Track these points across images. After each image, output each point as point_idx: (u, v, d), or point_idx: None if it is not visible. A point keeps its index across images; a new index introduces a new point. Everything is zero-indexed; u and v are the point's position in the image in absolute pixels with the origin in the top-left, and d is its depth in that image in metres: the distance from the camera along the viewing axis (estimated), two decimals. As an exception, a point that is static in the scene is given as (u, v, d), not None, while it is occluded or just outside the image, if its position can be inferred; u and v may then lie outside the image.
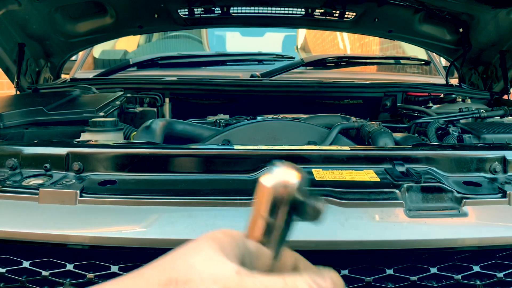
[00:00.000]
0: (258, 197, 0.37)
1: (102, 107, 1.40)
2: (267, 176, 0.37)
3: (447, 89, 2.02)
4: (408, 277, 0.79)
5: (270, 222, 0.37)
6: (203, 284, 0.32)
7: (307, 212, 0.39)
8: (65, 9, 1.84)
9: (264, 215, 0.37)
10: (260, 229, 0.37)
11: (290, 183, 0.36)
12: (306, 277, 0.35)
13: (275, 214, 0.37)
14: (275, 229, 0.37)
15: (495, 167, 0.95)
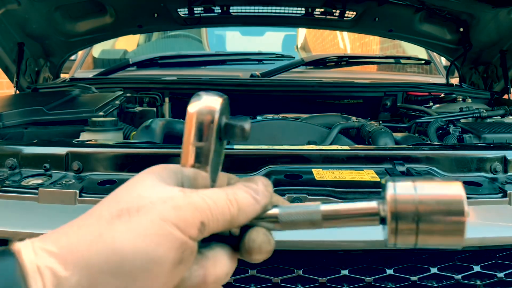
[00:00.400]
0: (186, 125, 0.40)
1: (102, 106, 1.39)
2: (191, 104, 0.39)
3: (447, 89, 2.01)
4: (409, 277, 0.79)
5: (199, 146, 0.39)
6: (154, 206, 0.34)
7: (234, 133, 0.41)
8: (65, 8, 1.84)
9: (192, 141, 0.39)
10: (192, 155, 0.39)
11: (211, 107, 0.39)
12: (241, 185, 0.39)
13: (203, 138, 0.39)
14: (205, 152, 0.39)
15: (496, 167, 0.95)
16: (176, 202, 0.34)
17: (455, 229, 0.36)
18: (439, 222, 0.36)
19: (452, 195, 0.36)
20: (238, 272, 0.78)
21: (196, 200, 0.35)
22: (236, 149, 0.96)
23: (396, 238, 0.38)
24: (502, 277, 0.81)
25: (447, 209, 0.36)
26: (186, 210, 0.34)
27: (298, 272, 0.78)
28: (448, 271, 0.81)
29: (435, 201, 0.36)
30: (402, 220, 0.36)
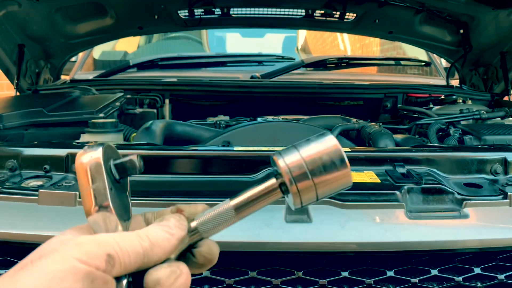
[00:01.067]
0: (78, 177, 0.42)
1: (102, 108, 1.39)
2: (76, 158, 0.42)
3: (447, 90, 2.01)
4: (409, 279, 0.79)
5: (95, 188, 0.41)
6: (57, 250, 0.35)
7: (126, 168, 0.44)
8: (65, 10, 1.84)
9: (88, 185, 0.41)
10: (90, 197, 0.41)
11: (93, 152, 0.42)
12: (154, 224, 0.41)
13: (95, 180, 0.41)
14: (102, 191, 0.41)
15: (496, 168, 0.95)
16: (79, 240, 0.36)
17: (343, 172, 0.43)
18: (328, 171, 0.42)
19: (329, 146, 0.43)
20: (238, 273, 0.77)
21: (102, 236, 0.37)
22: (236, 150, 0.96)
23: (301, 198, 0.42)
24: (503, 279, 0.80)
25: (330, 159, 0.42)
26: (89, 244, 0.35)
27: (299, 274, 0.78)
28: (448, 272, 0.80)
29: (318, 156, 0.42)
30: (300, 181, 0.42)
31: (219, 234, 0.42)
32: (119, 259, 0.36)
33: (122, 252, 0.36)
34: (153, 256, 0.39)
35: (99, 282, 0.34)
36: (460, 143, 1.32)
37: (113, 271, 0.36)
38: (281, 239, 0.76)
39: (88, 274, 0.34)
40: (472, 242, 0.80)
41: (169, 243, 0.40)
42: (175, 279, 0.38)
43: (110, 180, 0.42)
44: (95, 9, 1.93)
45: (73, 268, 0.33)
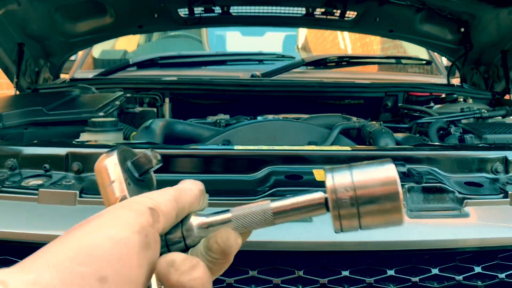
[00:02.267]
0: (97, 180, 0.44)
1: (102, 107, 1.39)
2: (96, 164, 0.44)
3: (448, 89, 2.01)
4: (410, 278, 0.79)
5: (115, 184, 0.43)
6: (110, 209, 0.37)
7: (142, 163, 0.45)
8: (65, 9, 1.84)
9: (108, 182, 0.43)
10: (113, 193, 0.43)
11: (110, 155, 0.44)
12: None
13: (115, 178, 0.43)
14: (121, 186, 0.43)
15: (497, 167, 0.95)
16: (120, 204, 0.38)
17: (393, 208, 0.38)
18: (377, 203, 0.38)
19: (385, 177, 0.38)
20: (238, 273, 0.77)
21: (135, 198, 0.39)
22: (236, 149, 0.96)
23: (341, 224, 0.40)
24: (504, 278, 0.80)
25: (382, 191, 0.38)
26: (131, 204, 0.37)
27: (299, 273, 0.78)
28: (449, 272, 0.80)
29: (370, 184, 0.38)
30: (343, 206, 0.39)
31: None
32: (160, 210, 0.37)
33: (159, 203, 0.38)
34: (184, 201, 0.40)
35: (151, 238, 0.35)
36: (460, 142, 1.32)
37: (159, 224, 0.37)
38: (282, 238, 0.76)
39: (143, 227, 0.35)
40: (473, 241, 0.80)
41: (192, 191, 0.42)
42: (191, 268, 0.36)
43: (129, 178, 0.44)
44: (94, 7, 1.92)
45: (128, 221, 0.35)
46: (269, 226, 0.42)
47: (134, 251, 0.33)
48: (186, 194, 0.41)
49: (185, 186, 0.43)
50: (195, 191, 0.42)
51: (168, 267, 0.35)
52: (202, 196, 0.43)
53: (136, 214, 0.36)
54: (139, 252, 0.34)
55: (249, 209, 0.42)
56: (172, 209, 0.39)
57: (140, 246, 0.34)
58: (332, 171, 0.40)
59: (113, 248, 0.33)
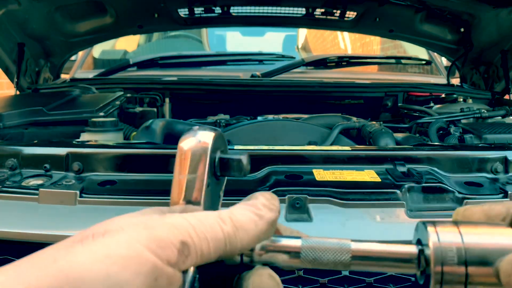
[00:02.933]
0: (176, 160, 0.36)
1: (102, 107, 1.39)
2: (183, 140, 0.37)
3: (448, 89, 2.01)
4: (410, 277, 0.79)
5: (190, 179, 0.35)
6: (123, 229, 0.28)
7: (230, 166, 0.38)
8: (65, 8, 1.84)
9: (185, 172, 0.36)
10: (182, 189, 0.35)
11: (204, 141, 0.36)
12: (238, 204, 0.34)
13: (195, 170, 0.36)
14: (198, 186, 0.35)
15: (497, 167, 0.95)
16: (150, 223, 0.29)
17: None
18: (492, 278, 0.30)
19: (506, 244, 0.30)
20: (238, 272, 0.77)
21: (176, 219, 0.30)
22: (236, 149, 0.96)
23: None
24: (503, 278, 0.80)
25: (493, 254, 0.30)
26: (161, 229, 0.29)
27: (299, 272, 0.78)
28: (449, 271, 0.80)
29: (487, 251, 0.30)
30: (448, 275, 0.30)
31: None
32: (195, 248, 0.29)
33: (200, 239, 0.29)
34: (237, 243, 0.32)
35: (163, 281, 0.27)
36: (460, 142, 1.32)
37: (186, 263, 0.29)
38: (282, 238, 0.76)
39: (154, 268, 0.27)
40: (473, 241, 0.80)
41: (257, 227, 0.33)
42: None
43: (211, 174, 0.37)
44: (95, 7, 1.92)
45: (139, 257, 0.27)
46: (342, 269, 0.35)
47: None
48: (246, 234, 0.32)
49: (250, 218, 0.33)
50: (261, 227, 0.33)
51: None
52: (270, 230, 0.34)
53: (157, 246, 0.27)
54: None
55: (326, 243, 0.35)
56: (214, 251, 0.30)
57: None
58: (435, 224, 0.32)
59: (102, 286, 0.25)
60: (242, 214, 0.33)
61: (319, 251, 0.35)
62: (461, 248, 0.30)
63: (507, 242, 0.30)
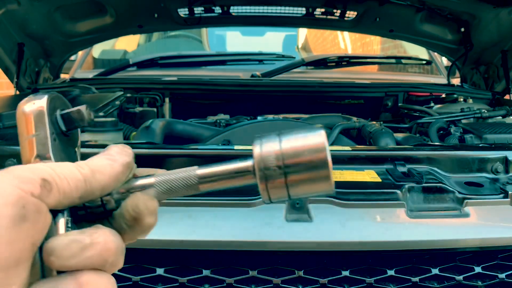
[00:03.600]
0: (18, 125, 0.39)
1: (102, 107, 1.39)
2: (20, 105, 0.39)
3: (448, 89, 2.01)
4: (410, 278, 0.79)
5: (36, 137, 0.38)
6: None
7: (73, 119, 0.41)
8: (65, 8, 1.84)
9: (28, 133, 0.38)
10: (33, 148, 0.38)
11: (39, 100, 0.39)
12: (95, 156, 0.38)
13: (39, 129, 0.38)
14: (42, 141, 0.38)
15: (497, 167, 0.95)
16: (11, 168, 0.32)
17: (322, 177, 0.37)
18: (305, 172, 0.37)
19: (314, 144, 0.37)
20: (238, 273, 0.77)
21: (34, 165, 0.34)
22: (236, 149, 0.96)
23: (269, 194, 0.38)
24: (504, 278, 0.80)
25: (310, 159, 0.36)
26: (24, 170, 0.32)
27: (299, 273, 0.78)
28: (449, 272, 0.80)
29: (299, 152, 0.37)
30: (270, 175, 0.37)
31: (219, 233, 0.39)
32: (56, 185, 0.33)
33: (60, 178, 0.33)
34: (96, 182, 0.35)
35: (31, 208, 0.31)
36: (461, 142, 1.32)
37: (50, 198, 0.32)
38: (282, 238, 0.76)
39: (20, 198, 0.30)
40: (473, 241, 0.80)
41: (113, 169, 0.37)
42: (81, 249, 0.32)
43: (55, 132, 0.39)
44: (94, 7, 1.92)
45: (4, 191, 0.30)
46: (195, 192, 0.40)
47: (3, 226, 0.29)
48: (103, 174, 0.36)
49: (105, 162, 0.37)
50: (117, 168, 0.37)
51: (48, 256, 0.32)
52: (126, 171, 0.38)
53: (19, 182, 0.31)
54: (10, 228, 0.29)
55: (174, 174, 0.40)
56: (75, 189, 0.34)
57: (12, 220, 0.29)
58: (261, 138, 0.39)
59: None
60: (98, 160, 0.37)
61: (170, 182, 0.39)
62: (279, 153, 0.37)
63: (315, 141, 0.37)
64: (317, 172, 0.37)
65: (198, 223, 0.77)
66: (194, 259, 0.77)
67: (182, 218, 0.77)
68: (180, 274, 0.76)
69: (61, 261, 0.32)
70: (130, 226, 0.37)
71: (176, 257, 0.77)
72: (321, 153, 0.36)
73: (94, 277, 0.33)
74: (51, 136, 0.38)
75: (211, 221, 0.78)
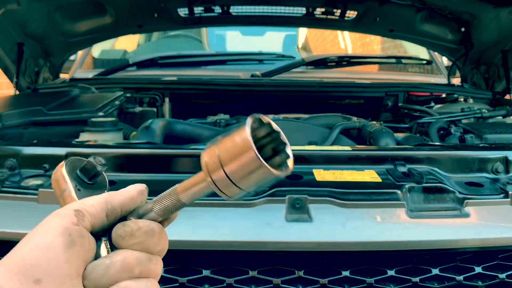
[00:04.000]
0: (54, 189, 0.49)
1: (102, 107, 1.39)
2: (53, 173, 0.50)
3: (449, 89, 2.01)
4: (410, 278, 0.79)
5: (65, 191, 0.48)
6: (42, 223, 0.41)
7: (88, 169, 0.50)
8: (65, 8, 1.84)
9: (60, 192, 0.48)
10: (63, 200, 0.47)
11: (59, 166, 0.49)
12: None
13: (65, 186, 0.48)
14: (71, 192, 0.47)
15: (497, 167, 0.95)
16: (54, 212, 0.42)
17: (250, 160, 0.39)
18: (236, 160, 0.40)
19: (238, 133, 0.40)
20: (238, 273, 0.77)
21: (70, 204, 0.44)
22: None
23: (223, 193, 0.42)
24: (504, 278, 0.80)
25: (237, 147, 0.40)
26: (61, 209, 0.42)
27: (299, 273, 0.77)
28: (449, 272, 0.80)
29: (229, 145, 0.40)
30: (216, 176, 0.41)
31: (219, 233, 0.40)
32: (86, 211, 0.42)
33: (87, 206, 0.43)
34: (115, 201, 0.45)
35: (75, 234, 0.40)
36: (461, 142, 1.32)
37: (85, 222, 0.41)
38: (282, 239, 0.76)
39: (65, 229, 0.40)
40: (473, 241, 0.80)
41: (128, 192, 0.46)
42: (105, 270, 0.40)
43: (78, 184, 0.49)
44: (94, 7, 1.92)
45: (52, 227, 0.40)
46: (184, 206, 0.45)
47: (59, 251, 0.39)
48: (120, 196, 0.46)
49: (123, 189, 0.47)
50: (132, 192, 0.46)
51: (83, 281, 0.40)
52: (140, 196, 0.47)
53: (60, 218, 0.41)
54: (64, 252, 0.39)
55: (162, 194, 0.46)
56: (100, 210, 0.43)
57: (64, 246, 0.39)
58: (206, 145, 0.43)
59: (40, 254, 0.38)
60: (119, 190, 0.47)
61: (161, 201, 0.46)
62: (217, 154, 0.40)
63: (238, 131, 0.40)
64: (247, 162, 0.39)
65: (198, 223, 0.77)
66: (194, 259, 0.77)
67: (182, 218, 0.77)
68: (180, 274, 0.76)
69: (94, 283, 0.40)
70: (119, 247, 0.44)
71: (176, 257, 0.77)
72: (242, 135, 0.39)
73: (131, 283, 0.41)
74: (75, 188, 0.48)
75: (211, 221, 0.77)
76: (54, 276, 0.38)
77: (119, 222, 0.44)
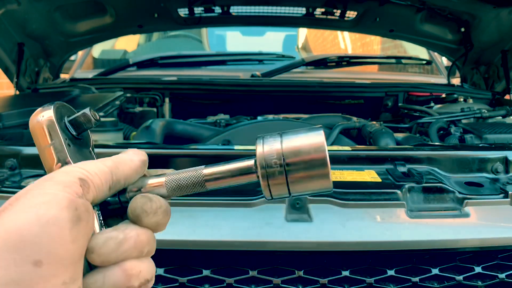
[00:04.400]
0: (35, 137, 0.42)
1: (102, 107, 1.39)
2: (32, 120, 0.43)
3: (448, 89, 2.01)
4: (410, 278, 0.79)
5: (53, 144, 0.41)
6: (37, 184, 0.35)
7: (81, 123, 0.44)
8: (65, 8, 1.84)
9: (47, 143, 0.41)
10: (53, 156, 0.41)
11: (45, 112, 0.42)
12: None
13: (53, 137, 0.41)
14: (61, 147, 0.41)
15: (497, 167, 0.95)
16: (48, 177, 0.36)
17: (321, 175, 0.38)
18: (305, 170, 0.38)
19: (314, 143, 0.38)
20: (238, 273, 0.77)
21: (66, 168, 0.38)
22: (236, 149, 0.96)
23: (271, 191, 0.40)
24: (504, 278, 0.80)
25: (310, 158, 0.38)
26: (61, 175, 0.36)
27: (299, 273, 0.77)
28: (449, 272, 0.80)
29: (298, 151, 0.38)
30: (272, 173, 0.39)
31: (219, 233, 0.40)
32: (91, 181, 0.37)
33: (91, 174, 0.37)
34: (120, 173, 0.40)
35: (82, 209, 0.34)
36: (461, 142, 1.32)
37: (90, 195, 0.36)
38: (282, 238, 0.76)
39: (71, 201, 0.34)
40: (473, 241, 0.80)
41: (132, 162, 0.41)
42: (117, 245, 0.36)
43: (67, 137, 0.42)
44: (94, 7, 1.92)
45: (55, 197, 0.33)
46: (202, 190, 0.42)
47: (65, 228, 0.32)
48: (125, 166, 0.40)
49: (126, 157, 0.42)
50: (136, 162, 0.42)
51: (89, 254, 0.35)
52: (143, 167, 0.42)
53: (64, 186, 0.34)
54: (71, 229, 0.33)
55: (183, 173, 0.42)
56: (105, 182, 0.38)
57: (71, 222, 0.33)
58: (263, 137, 0.41)
59: (42, 230, 0.31)
60: (119, 156, 0.42)
61: (179, 181, 0.42)
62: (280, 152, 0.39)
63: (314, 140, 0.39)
64: (316, 171, 0.39)
65: (198, 223, 0.77)
66: (194, 259, 0.77)
67: (182, 218, 0.77)
68: (180, 274, 0.76)
69: (102, 258, 0.35)
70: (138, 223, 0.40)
71: (176, 257, 0.77)
72: (321, 152, 0.39)
73: (136, 263, 0.37)
74: (65, 142, 0.41)
75: (211, 221, 0.78)
76: (57, 258, 0.31)
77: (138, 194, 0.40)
